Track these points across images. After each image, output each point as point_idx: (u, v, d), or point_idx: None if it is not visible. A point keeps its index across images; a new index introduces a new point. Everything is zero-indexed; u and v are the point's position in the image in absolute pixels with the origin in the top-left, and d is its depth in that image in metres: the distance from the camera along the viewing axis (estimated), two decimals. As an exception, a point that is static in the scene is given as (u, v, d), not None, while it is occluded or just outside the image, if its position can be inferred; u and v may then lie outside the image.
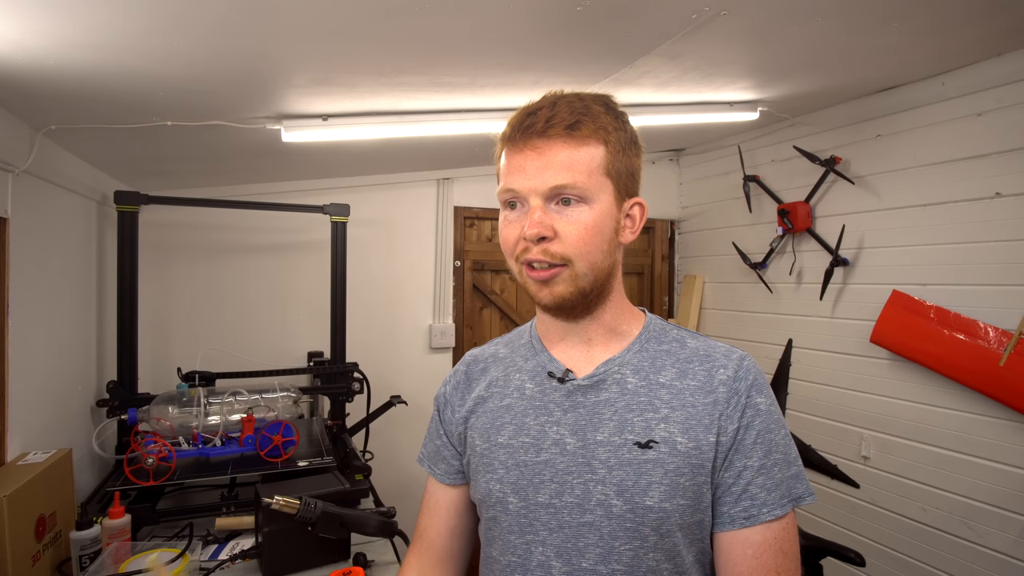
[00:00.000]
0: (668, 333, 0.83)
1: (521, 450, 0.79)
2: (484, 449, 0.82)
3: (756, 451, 0.73)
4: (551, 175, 0.72)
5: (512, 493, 0.78)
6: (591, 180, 0.73)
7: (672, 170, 3.22)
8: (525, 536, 0.77)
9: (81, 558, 1.30)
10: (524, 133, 0.74)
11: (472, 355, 0.95)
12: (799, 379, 2.44)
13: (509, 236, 0.77)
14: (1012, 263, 1.74)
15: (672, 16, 1.30)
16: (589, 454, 0.75)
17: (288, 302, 2.50)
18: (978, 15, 1.46)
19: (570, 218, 0.73)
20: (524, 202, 0.75)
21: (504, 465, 0.80)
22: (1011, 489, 1.73)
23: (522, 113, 0.76)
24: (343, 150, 2.07)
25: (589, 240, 0.74)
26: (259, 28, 1.13)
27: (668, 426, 0.74)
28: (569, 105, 0.74)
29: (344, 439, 2.06)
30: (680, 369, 0.78)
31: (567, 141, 0.73)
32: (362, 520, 1.40)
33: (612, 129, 0.75)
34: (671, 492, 0.71)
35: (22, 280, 1.43)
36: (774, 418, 0.75)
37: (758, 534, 0.71)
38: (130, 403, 1.79)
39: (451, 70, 1.47)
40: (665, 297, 3.25)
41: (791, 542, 0.72)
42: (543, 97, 0.78)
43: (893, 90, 2.04)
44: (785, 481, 0.73)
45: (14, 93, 1.27)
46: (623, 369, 0.79)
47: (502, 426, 0.82)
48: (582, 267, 0.74)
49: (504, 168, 0.77)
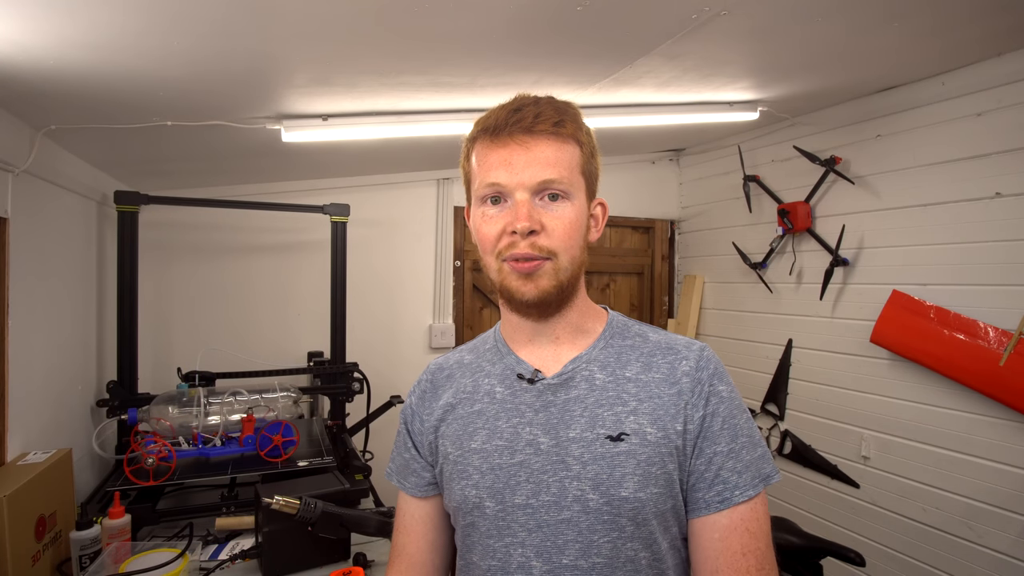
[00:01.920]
0: (630, 329, 0.85)
1: (495, 454, 0.79)
2: (457, 456, 0.81)
3: (723, 436, 0.75)
4: (539, 170, 0.73)
5: (489, 497, 0.78)
6: (572, 177, 0.75)
7: (672, 170, 3.22)
8: (504, 539, 0.77)
9: (81, 558, 1.31)
10: (511, 128, 0.74)
11: (436, 364, 0.94)
12: (799, 379, 2.44)
13: (490, 232, 0.76)
14: (1012, 263, 1.74)
15: (672, 16, 1.30)
16: (563, 451, 0.76)
17: (288, 302, 2.50)
18: (978, 15, 1.46)
19: (555, 213, 0.75)
20: (509, 197, 0.75)
21: (479, 470, 0.79)
22: (1011, 489, 1.73)
23: (505, 110, 0.76)
24: (343, 150, 2.07)
25: (572, 235, 0.75)
26: (259, 28, 1.13)
27: (637, 418, 0.75)
28: (551, 104, 0.76)
29: (344, 439, 2.06)
30: (644, 363, 0.80)
31: (553, 138, 0.74)
32: (362, 520, 1.40)
33: (585, 132, 0.79)
34: (644, 482, 0.73)
35: (22, 280, 1.43)
36: (736, 403, 0.78)
37: (724, 518, 0.73)
38: (130, 403, 1.79)
39: (451, 70, 1.48)
40: (665, 297, 3.25)
41: (759, 522, 0.74)
42: (518, 98, 0.78)
43: (893, 90, 2.04)
44: (754, 463, 0.75)
45: (14, 93, 1.28)
46: (590, 366, 0.80)
47: (474, 432, 0.81)
48: (565, 261, 0.75)
49: (483, 163, 0.77)
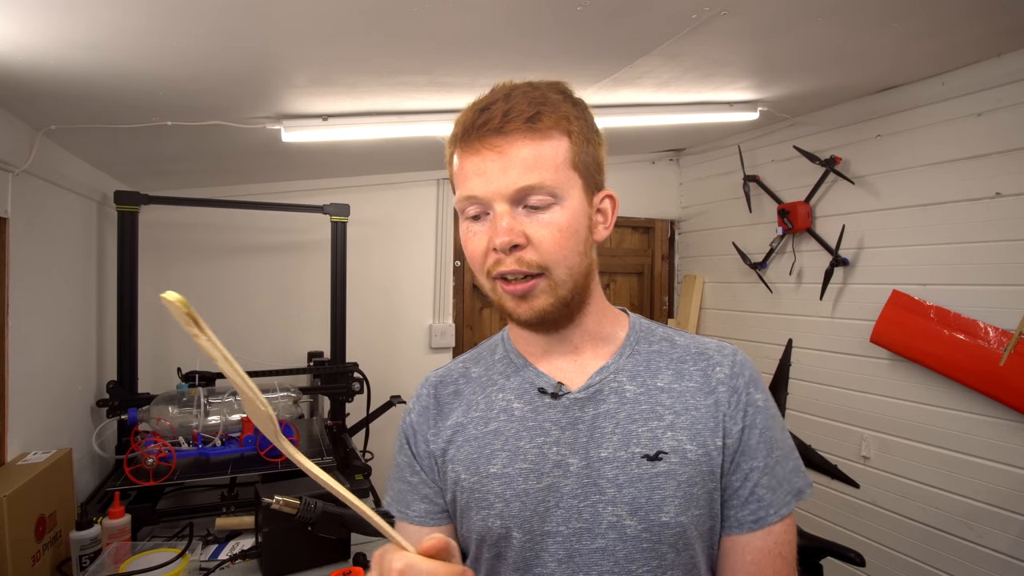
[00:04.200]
0: (655, 332, 0.79)
1: (520, 478, 0.71)
2: (473, 483, 0.73)
3: (760, 451, 0.70)
4: (515, 175, 0.65)
5: (516, 527, 0.70)
6: (559, 176, 0.66)
7: (672, 170, 3.22)
8: (532, 571, 0.70)
9: (81, 558, 1.31)
10: (479, 131, 0.66)
11: (437, 376, 0.83)
12: (799, 379, 2.44)
13: (476, 249, 0.69)
14: (1012, 263, 1.74)
15: (672, 16, 1.29)
16: (595, 473, 0.68)
17: (288, 302, 2.50)
18: (978, 15, 1.46)
19: (542, 221, 0.66)
20: (488, 209, 0.67)
21: (501, 498, 0.71)
22: (1011, 489, 1.73)
23: (473, 110, 0.68)
24: (343, 150, 2.07)
25: (565, 243, 0.67)
26: (259, 28, 1.13)
27: (675, 434, 0.69)
28: (525, 95, 0.67)
29: (344, 439, 2.06)
30: (676, 370, 0.74)
31: (528, 136, 0.65)
32: (362, 520, 1.38)
33: (573, 118, 0.69)
34: (686, 504, 0.67)
35: (22, 280, 1.43)
36: (771, 413, 0.73)
37: (759, 539, 0.69)
38: (130, 403, 1.79)
39: (451, 70, 1.47)
40: (665, 297, 3.25)
41: (790, 544, 0.71)
42: (493, 90, 0.70)
43: (893, 90, 2.04)
44: (787, 477, 0.71)
45: (14, 93, 1.28)
46: (619, 376, 0.73)
47: (492, 455, 0.73)
48: (560, 274, 0.67)
49: (459, 173, 0.69)
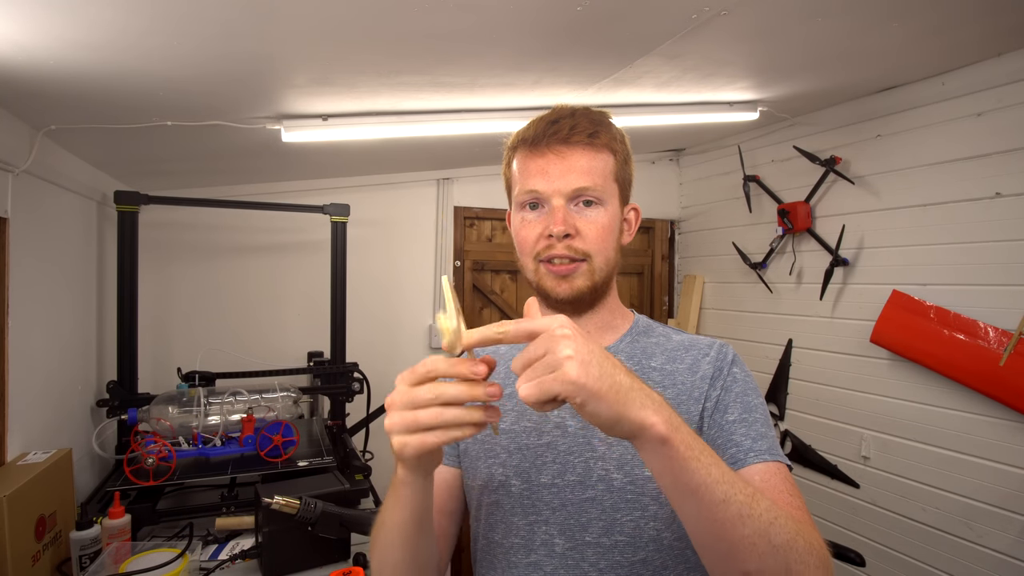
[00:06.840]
0: (655, 329, 0.91)
1: (523, 434, 0.84)
2: (484, 435, 0.86)
3: (735, 407, 0.78)
4: (574, 178, 0.79)
5: (515, 476, 0.82)
6: (605, 184, 0.81)
7: (672, 170, 3.22)
8: (528, 517, 0.81)
9: (81, 558, 1.31)
10: (549, 139, 0.80)
11: None
12: (799, 379, 2.44)
13: (529, 235, 0.82)
14: (1012, 263, 1.73)
15: (672, 16, 1.30)
16: (589, 433, 0.80)
17: (288, 302, 2.50)
18: (978, 15, 1.46)
19: (589, 218, 0.81)
20: (546, 203, 0.81)
21: (506, 450, 0.84)
22: (1011, 489, 1.73)
23: (544, 122, 0.82)
24: (343, 150, 2.07)
25: (605, 238, 0.81)
26: (259, 28, 1.13)
27: None
28: (587, 116, 0.82)
29: (344, 439, 2.06)
30: (669, 356, 0.86)
31: (587, 148, 0.81)
32: (362, 520, 1.40)
33: (619, 141, 0.85)
34: None
35: (22, 280, 1.43)
36: (750, 386, 0.81)
37: (756, 471, 0.71)
38: (130, 403, 1.79)
39: (451, 70, 1.47)
40: (665, 297, 3.25)
41: (776, 489, 0.70)
42: (555, 109, 0.85)
43: (893, 90, 2.04)
44: (764, 434, 0.75)
45: (14, 93, 1.28)
46: (617, 356, 0.81)
47: (504, 413, 0.85)
48: (599, 262, 0.81)
49: (522, 171, 0.83)
